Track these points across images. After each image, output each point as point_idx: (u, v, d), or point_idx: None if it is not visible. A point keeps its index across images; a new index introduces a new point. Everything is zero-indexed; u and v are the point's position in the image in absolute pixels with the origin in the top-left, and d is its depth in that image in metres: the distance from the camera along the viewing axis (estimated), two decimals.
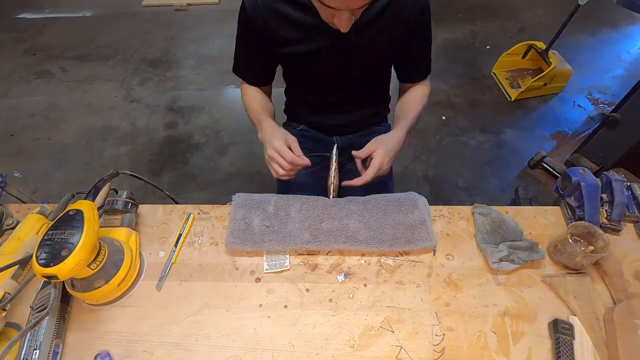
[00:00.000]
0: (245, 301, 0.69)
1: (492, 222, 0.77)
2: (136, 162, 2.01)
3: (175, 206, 0.83)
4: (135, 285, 0.71)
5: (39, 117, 2.26)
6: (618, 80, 2.41)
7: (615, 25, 2.81)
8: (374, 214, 0.77)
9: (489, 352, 0.63)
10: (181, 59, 2.64)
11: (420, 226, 0.75)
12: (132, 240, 0.73)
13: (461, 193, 1.84)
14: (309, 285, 0.71)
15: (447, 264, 0.73)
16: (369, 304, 0.68)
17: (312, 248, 0.74)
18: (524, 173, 1.92)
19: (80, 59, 2.66)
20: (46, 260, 0.54)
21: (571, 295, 0.67)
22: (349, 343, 0.64)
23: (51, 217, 0.76)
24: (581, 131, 2.11)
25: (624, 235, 0.76)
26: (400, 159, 1.97)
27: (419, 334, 0.65)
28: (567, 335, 0.62)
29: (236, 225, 0.75)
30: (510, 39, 2.63)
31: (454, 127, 2.14)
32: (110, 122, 2.22)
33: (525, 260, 0.70)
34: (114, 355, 0.63)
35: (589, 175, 0.76)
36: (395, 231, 0.75)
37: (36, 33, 2.90)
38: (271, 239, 0.74)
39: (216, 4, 3.08)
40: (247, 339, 0.65)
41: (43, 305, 0.61)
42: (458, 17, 2.88)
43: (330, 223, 0.76)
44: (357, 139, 1.09)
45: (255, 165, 1.97)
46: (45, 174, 1.96)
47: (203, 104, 2.31)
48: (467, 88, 2.36)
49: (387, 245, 0.74)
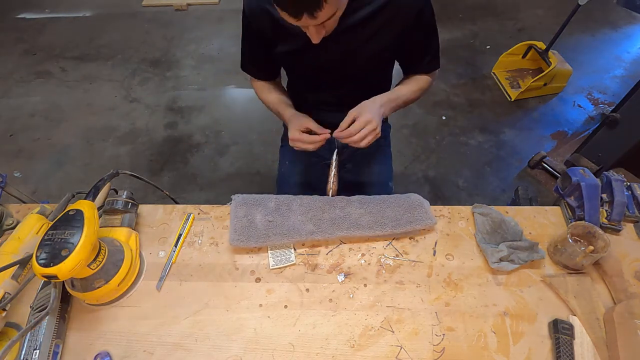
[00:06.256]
0: (245, 301, 0.69)
1: (492, 222, 0.77)
2: (136, 162, 2.01)
3: (175, 206, 0.83)
4: (135, 285, 0.71)
5: (39, 117, 2.26)
6: (618, 80, 2.41)
7: (615, 25, 2.81)
8: (374, 200, 0.80)
9: (489, 352, 0.63)
10: (181, 59, 2.63)
11: (419, 207, 0.78)
12: (132, 240, 0.73)
13: (461, 193, 1.84)
14: (309, 285, 0.71)
15: (447, 264, 0.73)
16: (369, 304, 0.68)
17: (317, 238, 0.75)
18: (524, 173, 1.92)
19: (80, 59, 2.66)
20: (46, 260, 0.54)
21: (571, 295, 0.67)
22: (349, 343, 0.64)
23: (51, 217, 0.75)
24: (581, 131, 2.11)
25: (624, 235, 0.76)
26: (400, 159, 1.97)
27: (419, 334, 0.65)
28: (567, 335, 0.62)
29: (239, 223, 0.76)
30: (510, 39, 2.63)
31: (454, 127, 2.14)
32: (110, 122, 2.22)
33: (525, 260, 0.70)
34: (114, 355, 0.63)
35: (589, 175, 0.76)
36: (396, 213, 0.77)
37: (36, 33, 2.90)
38: (275, 233, 0.75)
39: (216, 4, 3.08)
40: (247, 339, 0.65)
41: (43, 305, 0.61)
42: (458, 17, 2.88)
43: (332, 212, 0.78)
44: None
45: (255, 165, 1.97)
46: (45, 174, 1.96)
47: (203, 104, 2.31)
48: (467, 88, 2.36)
49: (389, 227, 0.75)
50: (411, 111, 2.21)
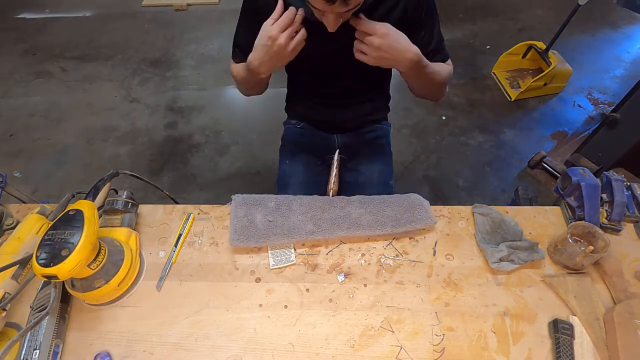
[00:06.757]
0: (245, 301, 0.69)
1: (492, 222, 0.77)
2: (136, 162, 2.01)
3: (175, 206, 0.83)
4: (135, 285, 0.71)
5: (39, 117, 2.26)
6: (618, 80, 2.41)
7: (615, 25, 2.81)
8: (374, 200, 0.80)
9: (489, 352, 0.63)
10: (181, 59, 2.63)
11: (419, 207, 0.78)
12: (132, 240, 0.73)
13: (461, 193, 1.84)
14: (309, 285, 0.71)
15: (447, 264, 0.73)
16: (369, 304, 0.68)
17: (317, 238, 0.75)
18: (524, 173, 1.92)
19: (80, 59, 2.66)
20: (46, 260, 0.54)
21: (571, 295, 0.67)
22: (349, 343, 0.64)
23: (51, 217, 0.75)
24: (581, 131, 2.11)
25: (624, 235, 0.76)
26: (400, 159, 1.97)
27: (419, 334, 0.65)
28: (567, 335, 0.62)
29: (239, 223, 0.76)
30: (510, 39, 2.63)
31: (454, 127, 2.14)
32: (110, 122, 2.22)
33: (525, 260, 0.70)
34: (114, 355, 0.63)
35: (589, 175, 0.76)
36: (396, 213, 0.77)
37: (36, 33, 2.89)
38: (275, 233, 0.75)
39: (216, 4, 3.08)
40: (247, 339, 0.65)
41: (43, 305, 0.61)
42: (458, 17, 2.88)
43: (332, 212, 0.78)
44: (357, 137, 1.09)
45: (255, 165, 1.97)
46: (45, 174, 1.96)
47: (203, 104, 2.31)
48: (467, 88, 2.36)
49: (389, 227, 0.75)
50: (411, 111, 2.21)
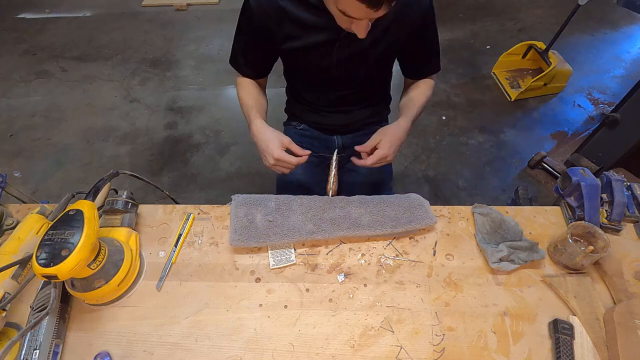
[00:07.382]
0: (245, 301, 0.69)
1: (492, 222, 0.77)
2: (136, 162, 2.01)
3: (175, 206, 0.83)
4: (135, 285, 0.71)
5: (39, 117, 2.26)
6: (618, 80, 2.41)
7: (615, 25, 2.81)
8: (374, 200, 0.80)
9: (489, 352, 0.62)
10: (181, 59, 2.64)
11: (419, 207, 0.78)
12: (132, 240, 0.73)
13: (461, 193, 1.84)
14: (309, 285, 0.71)
15: (447, 264, 0.73)
16: (369, 304, 0.68)
17: (317, 238, 0.75)
18: (524, 173, 1.92)
19: (80, 59, 2.66)
20: (46, 260, 0.54)
21: (571, 295, 0.67)
22: (349, 343, 0.64)
23: (51, 217, 0.75)
24: (581, 131, 2.11)
25: (624, 235, 0.76)
26: (400, 159, 1.97)
27: (419, 334, 0.65)
28: (567, 335, 0.62)
29: (239, 223, 0.76)
30: (510, 39, 2.63)
31: (454, 127, 2.14)
32: (110, 122, 2.22)
33: (525, 260, 0.70)
34: (114, 355, 0.63)
35: (589, 175, 0.76)
36: (396, 213, 0.77)
37: (36, 33, 2.90)
38: (275, 232, 0.75)
39: (216, 4, 3.08)
40: (247, 339, 0.65)
41: (43, 305, 0.61)
42: (458, 17, 2.88)
43: (332, 212, 0.78)
44: (357, 138, 1.09)
45: (255, 165, 1.97)
46: (45, 174, 1.96)
47: (203, 104, 2.31)
48: (467, 88, 2.36)
49: (389, 227, 0.75)
50: None
